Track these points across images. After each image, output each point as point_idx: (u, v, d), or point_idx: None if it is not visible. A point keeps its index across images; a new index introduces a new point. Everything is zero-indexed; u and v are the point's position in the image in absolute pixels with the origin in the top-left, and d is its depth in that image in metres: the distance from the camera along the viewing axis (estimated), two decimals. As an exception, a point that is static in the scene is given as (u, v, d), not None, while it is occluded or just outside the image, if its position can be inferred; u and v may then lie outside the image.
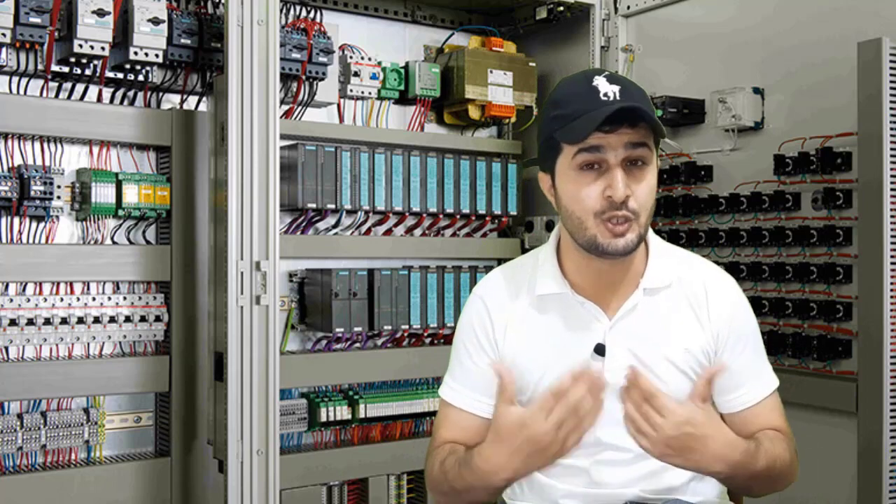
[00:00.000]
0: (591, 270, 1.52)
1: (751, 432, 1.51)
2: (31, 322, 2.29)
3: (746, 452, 1.41)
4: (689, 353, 1.50)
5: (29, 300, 2.30)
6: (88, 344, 2.40)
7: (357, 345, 2.74)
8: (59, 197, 2.31)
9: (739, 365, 1.52)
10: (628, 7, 3.00)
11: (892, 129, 2.16)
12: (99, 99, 2.45)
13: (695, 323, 1.52)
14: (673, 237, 2.77)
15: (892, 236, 2.16)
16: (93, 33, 2.26)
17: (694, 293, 1.54)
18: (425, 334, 2.84)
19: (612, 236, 1.42)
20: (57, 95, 2.39)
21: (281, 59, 2.44)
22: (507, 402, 1.37)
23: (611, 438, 1.48)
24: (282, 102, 2.59)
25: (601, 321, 1.51)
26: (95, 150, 2.45)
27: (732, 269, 2.57)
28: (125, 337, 2.42)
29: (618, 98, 1.41)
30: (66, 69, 2.36)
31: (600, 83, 1.43)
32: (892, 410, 2.15)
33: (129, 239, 2.48)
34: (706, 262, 1.63)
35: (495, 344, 1.57)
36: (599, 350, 1.50)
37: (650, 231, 1.56)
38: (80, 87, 2.41)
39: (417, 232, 2.92)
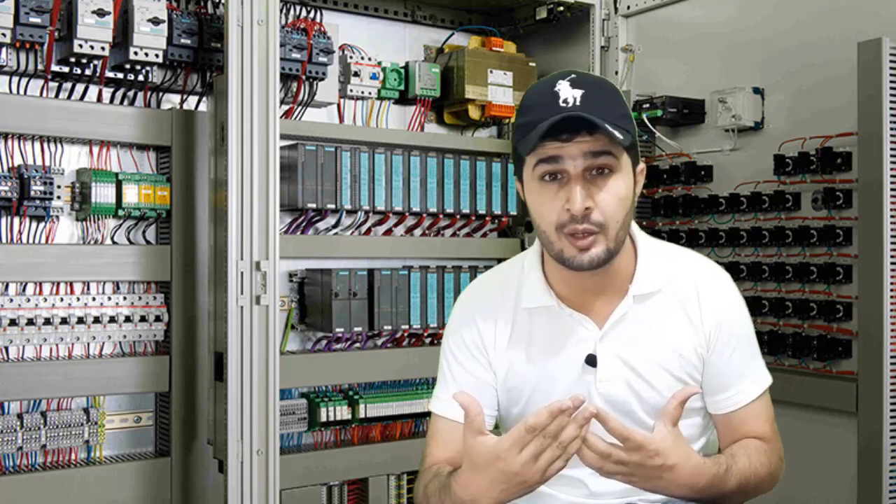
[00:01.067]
0: (575, 280, 1.47)
1: (736, 436, 1.50)
2: (31, 322, 2.29)
3: (715, 477, 1.39)
4: (684, 358, 1.47)
5: (29, 300, 2.30)
6: (88, 344, 2.40)
7: (357, 345, 2.74)
8: (59, 197, 2.31)
9: (730, 366, 1.49)
10: (628, 7, 3.00)
11: (892, 129, 2.16)
12: (99, 99, 2.45)
13: (687, 325, 1.48)
14: (673, 237, 2.77)
15: (892, 236, 2.16)
16: (93, 33, 2.26)
17: (685, 294, 1.49)
18: (425, 334, 2.84)
19: (576, 251, 1.38)
20: (57, 95, 2.39)
21: (281, 59, 2.44)
22: (475, 434, 1.30)
23: None
24: (282, 102, 2.59)
25: (591, 331, 1.47)
26: (95, 150, 2.45)
27: (732, 269, 2.56)
28: (125, 337, 2.41)
29: (577, 104, 1.35)
30: (66, 69, 2.36)
31: (562, 88, 1.37)
32: (892, 410, 2.15)
33: (129, 239, 2.48)
34: (699, 258, 1.58)
35: (484, 350, 1.53)
36: (591, 361, 1.46)
37: (638, 231, 1.53)
38: (80, 87, 2.41)
39: (417, 232, 2.92)
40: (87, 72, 2.37)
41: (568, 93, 1.37)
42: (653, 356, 1.47)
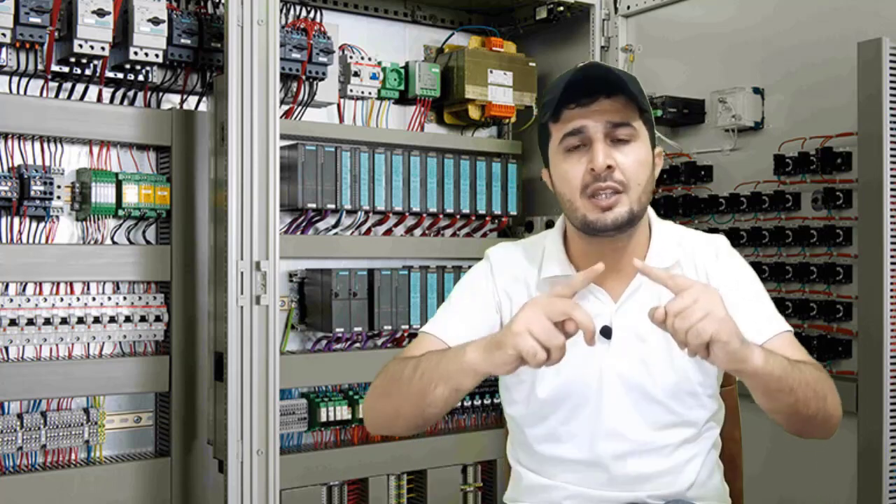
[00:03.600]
0: (594, 254, 1.49)
1: None
2: (31, 322, 2.29)
3: (768, 355, 1.31)
4: None
5: (29, 300, 2.30)
6: (88, 344, 2.40)
7: (357, 345, 2.74)
8: (59, 197, 2.31)
9: (744, 316, 1.39)
10: (628, 7, 3.00)
11: (892, 129, 2.16)
12: (99, 99, 2.45)
13: None
14: (673, 237, 2.77)
15: (892, 236, 2.16)
16: (93, 33, 2.26)
17: (695, 266, 1.53)
18: (425, 334, 2.84)
19: (599, 211, 1.42)
20: (57, 95, 2.39)
21: (281, 59, 2.43)
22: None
23: (620, 426, 1.48)
24: (282, 102, 2.59)
25: (606, 304, 1.50)
26: (95, 150, 2.45)
27: (732, 269, 2.56)
28: (125, 337, 2.41)
29: (597, 72, 1.43)
30: (66, 69, 2.36)
31: (587, 68, 1.44)
32: (892, 410, 2.15)
33: (129, 239, 2.48)
34: (703, 233, 1.60)
35: (497, 308, 1.54)
36: (605, 333, 1.48)
37: (652, 213, 1.56)
38: (80, 87, 2.41)
39: (417, 232, 2.92)
40: (87, 72, 2.37)
41: (592, 71, 1.44)
42: (666, 332, 1.46)
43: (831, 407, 1.40)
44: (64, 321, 2.34)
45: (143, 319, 2.43)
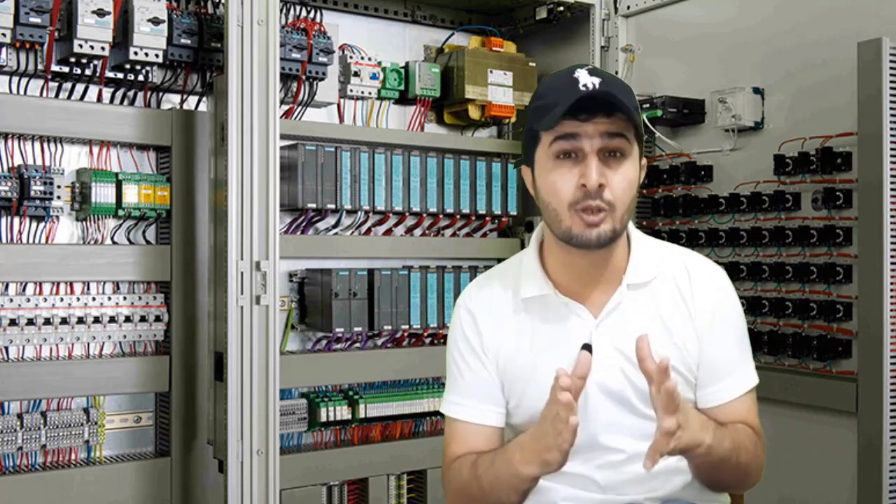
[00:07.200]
0: (573, 267, 1.50)
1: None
2: (31, 322, 2.29)
3: (717, 430, 1.40)
4: (677, 348, 1.48)
5: (29, 300, 2.30)
6: (88, 344, 2.40)
7: (357, 345, 2.74)
8: (59, 197, 2.31)
9: (722, 355, 1.50)
10: (628, 7, 3.00)
11: (892, 129, 2.16)
12: (99, 99, 2.45)
13: (682, 312, 1.50)
14: (673, 237, 2.77)
15: (892, 236, 2.16)
16: (93, 33, 2.26)
17: (677, 280, 1.52)
18: (425, 334, 2.84)
19: (585, 226, 1.41)
20: (57, 95, 2.39)
21: (281, 59, 2.44)
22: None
23: (606, 441, 1.48)
24: (282, 102, 2.59)
25: (586, 320, 1.49)
26: (95, 150, 2.45)
27: (732, 269, 2.57)
28: (125, 337, 2.42)
29: (597, 88, 1.40)
30: (66, 69, 2.36)
31: (581, 75, 1.42)
32: (892, 410, 2.15)
33: (129, 239, 2.48)
34: (691, 252, 1.61)
35: (485, 351, 1.55)
36: (586, 349, 1.46)
37: (632, 226, 1.55)
38: (80, 87, 2.41)
39: (417, 232, 2.92)
40: (87, 72, 2.37)
41: (587, 79, 1.41)
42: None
43: (752, 479, 1.51)
44: (64, 321, 2.34)
45: (143, 319, 2.43)
